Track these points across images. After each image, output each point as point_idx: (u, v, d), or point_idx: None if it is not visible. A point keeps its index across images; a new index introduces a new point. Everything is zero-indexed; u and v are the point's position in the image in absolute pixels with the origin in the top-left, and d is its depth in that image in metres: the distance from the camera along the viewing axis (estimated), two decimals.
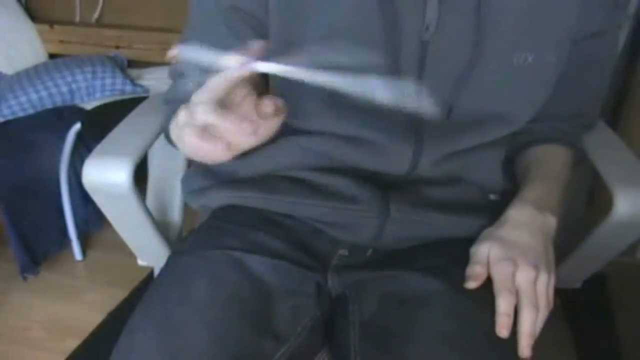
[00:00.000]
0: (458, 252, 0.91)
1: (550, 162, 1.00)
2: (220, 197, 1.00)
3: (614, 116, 1.80)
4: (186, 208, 1.23)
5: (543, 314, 0.81)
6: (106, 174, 0.98)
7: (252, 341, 0.82)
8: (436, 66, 0.86)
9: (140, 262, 1.21)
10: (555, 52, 0.88)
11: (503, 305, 0.79)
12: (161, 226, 1.09)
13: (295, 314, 0.89)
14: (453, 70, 0.87)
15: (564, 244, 1.05)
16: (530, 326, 0.78)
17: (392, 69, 0.86)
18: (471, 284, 0.82)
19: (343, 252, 0.98)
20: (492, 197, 1.00)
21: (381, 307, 0.88)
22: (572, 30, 0.88)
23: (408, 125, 0.91)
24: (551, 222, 0.88)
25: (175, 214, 1.23)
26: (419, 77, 0.86)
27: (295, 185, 0.96)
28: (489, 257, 0.84)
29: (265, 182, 0.97)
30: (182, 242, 1.01)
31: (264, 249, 0.92)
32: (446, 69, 0.86)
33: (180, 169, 1.18)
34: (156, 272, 1.47)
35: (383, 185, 0.95)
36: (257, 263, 0.90)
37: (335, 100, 0.89)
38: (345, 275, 0.96)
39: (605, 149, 1.10)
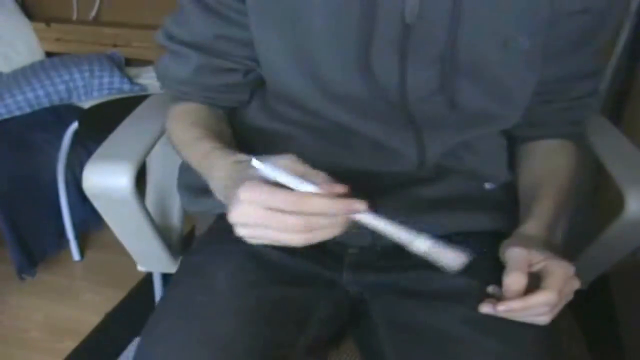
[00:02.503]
0: (467, 245, 0.91)
1: (559, 177, 0.98)
2: (217, 205, 1.00)
3: (617, 115, 1.79)
4: (185, 213, 1.21)
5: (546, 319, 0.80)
6: (107, 179, 0.96)
7: (274, 330, 0.83)
8: (419, 49, 0.85)
9: (140, 267, 1.19)
10: (528, 35, 0.86)
11: (553, 299, 0.76)
12: (161, 231, 1.08)
13: (310, 307, 0.90)
14: (436, 54, 0.85)
15: (571, 245, 1.04)
16: (534, 307, 0.77)
17: (365, 54, 0.85)
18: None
19: (353, 250, 0.98)
20: (487, 186, 1.00)
21: (404, 305, 0.89)
22: (546, 12, 0.86)
23: (407, 123, 0.90)
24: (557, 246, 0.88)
25: (175, 219, 1.22)
26: (401, 61, 0.86)
27: None
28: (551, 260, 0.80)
29: None
30: (194, 244, 1.03)
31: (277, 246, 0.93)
32: (429, 52, 0.85)
33: None
34: (155, 277, 1.46)
35: (372, 192, 0.94)
36: (273, 255, 0.92)
37: (335, 101, 0.89)
38: (360, 273, 0.96)
39: (614, 149, 1.09)
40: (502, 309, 0.77)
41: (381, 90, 0.88)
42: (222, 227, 1.00)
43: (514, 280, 0.77)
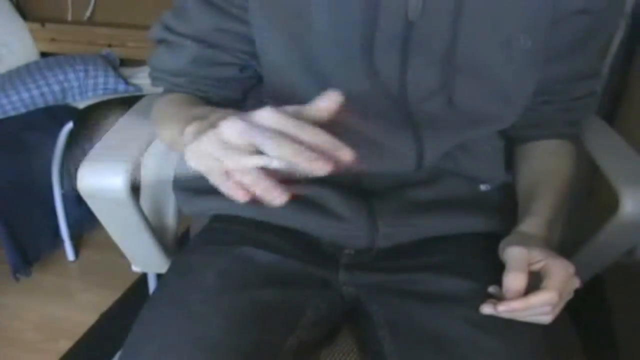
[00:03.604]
0: (462, 246, 0.95)
1: (557, 177, 0.99)
2: (212, 206, 1.02)
3: (611, 115, 1.79)
4: (180, 214, 1.21)
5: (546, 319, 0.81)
6: (102, 179, 0.96)
7: (263, 330, 0.83)
8: (420, 47, 0.85)
9: (135, 268, 1.19)
10: (530, 35, 0.87)
11: (554, 299, 0.76)
12: (156, 232, 1.08)
13: (301, 308, 0.90)
14: (437, 52, 0.86)
15: (566, 245, 1.04)
16: (535, 307, 0.77)
17: (367, 50, 0.85)
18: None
19: (349, 251, 0.99)
20: (482, 187, 1.01)
21: (403, 306, 0.90)
22: (547, 12, 0.87)
23: (407, 123, 0.90)
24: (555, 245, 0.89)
25: (170, 219, 1.22)
26: (403, 58, 0.86)
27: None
28: (551, 259, 0.80)
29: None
30: (187, 245, 1.03)
31: (271, 247, 0.94)
32: (430, 50, 0.86)
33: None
34: (150, 277, 1.46)
35: (367, 194, 0.95)
36: (263, 257, 0.92)
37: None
38: (356, 274, 0.97)
39: (608, 148, 1.09)
40: (503, 309, 0.78)
41: (382, 88, 0.88)
42: (215, 228, 1.01)
43: (514, 279, 0.77)
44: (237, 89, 1.00)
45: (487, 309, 0.81)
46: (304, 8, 0.85)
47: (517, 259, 0.79)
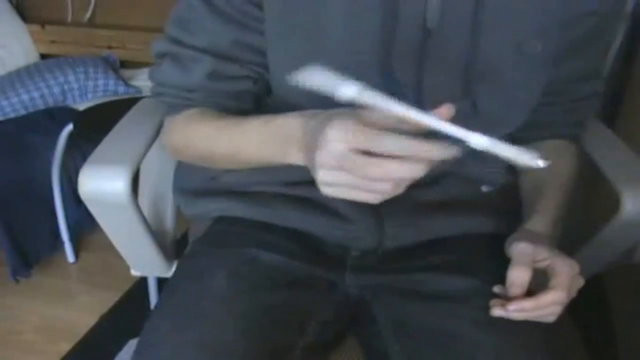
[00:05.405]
0: (466, 246, 0.95)
1: (561, 177, 0.99)
2: (215, 208, 1.01)
3: (612, 116, 1.79)
4: (179, 218, 1.21)
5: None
6: (103, 183, 0.96)
7: (273, 333, 0.83)
8: (438, 54, 0.85)
9: (134, 272, 1.19)
10: (540, 39, 0.87)
11: (562, 298, 0.77)
12: (155, 235, 1.08)
13: (310, 310, 0.90)
14: (456, 59, 0.86)
15: (567, 245, 1.05)
16: (545, 307, 0.78)
17: (384, 59, 0.85)
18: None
19: (355, 253, 0.98)
20: (484, 189, 1.00)
21: (408, 307, 0.90)
22: (557, 15, 0.87)
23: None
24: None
25: (169, 223, 1.22)
26: (420, 66, 0.85)
27: (289, 201, 0.97)
28: (556, 258, 0.81)
29: (258, 196, 0.98)
30: (189, 248, 1.02)
31: (277, 248, 0.94)
32: (448, 57, 0.85)
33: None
34: (150, 279, 1.45)
35: None
36: (269, 259, 0.92)
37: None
38: (362, 276, 0.97)
39: (608, 149, 1.10)
40: (513, 309, 0.78)
41: (398, 96, 0.88)
42: (219, 230, 1.00)
43: (518, 274, 0.78)
44: (249, 101, 0.97)
45: (497, 311, 0.80)
46: (319, 18, 0.84)
47: (522, 254, 0.80)
